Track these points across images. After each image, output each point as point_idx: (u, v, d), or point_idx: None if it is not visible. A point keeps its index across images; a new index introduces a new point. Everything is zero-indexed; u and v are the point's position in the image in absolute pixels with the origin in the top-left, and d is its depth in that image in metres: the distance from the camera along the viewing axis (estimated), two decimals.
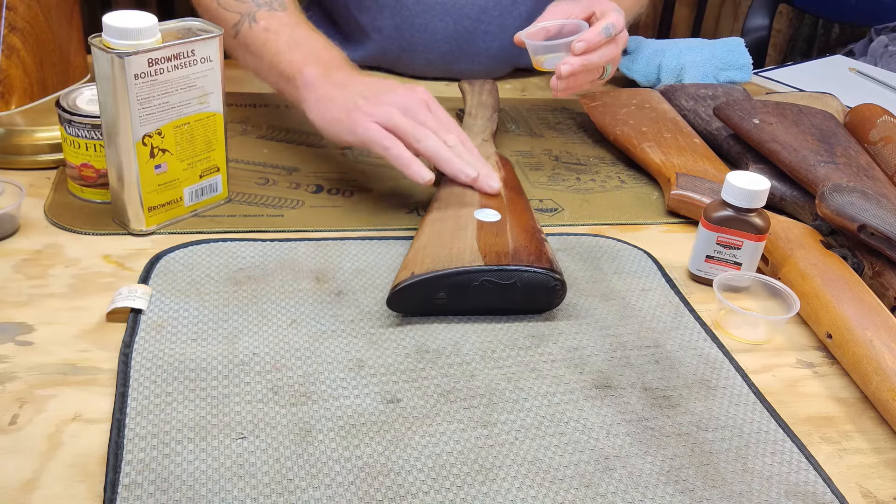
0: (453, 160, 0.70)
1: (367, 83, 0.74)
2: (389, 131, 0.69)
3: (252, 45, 0.79)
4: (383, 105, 0.70)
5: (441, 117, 0.73)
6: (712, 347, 0.63)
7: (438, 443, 0.51)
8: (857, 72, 1.34)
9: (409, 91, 0.73)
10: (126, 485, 0.46)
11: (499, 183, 0.69)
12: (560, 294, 0.64)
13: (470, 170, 0.70)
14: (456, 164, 0.70)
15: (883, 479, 0.54)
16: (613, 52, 0.83)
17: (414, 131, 0.69)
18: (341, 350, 0.58)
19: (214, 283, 0.64)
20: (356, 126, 0.70)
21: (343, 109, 0.72)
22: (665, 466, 0.51)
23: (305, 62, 0.76)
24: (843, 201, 0.71)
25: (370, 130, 0.69)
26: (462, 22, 1.05)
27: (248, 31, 0.79)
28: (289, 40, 0.78)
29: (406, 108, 0.71)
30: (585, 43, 0.80)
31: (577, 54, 0.80)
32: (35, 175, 0.77)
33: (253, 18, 0.79)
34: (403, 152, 0.69)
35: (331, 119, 0.73)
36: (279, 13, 0.81)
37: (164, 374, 0.54)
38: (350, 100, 0.72)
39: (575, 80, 0.82)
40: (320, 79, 0.74)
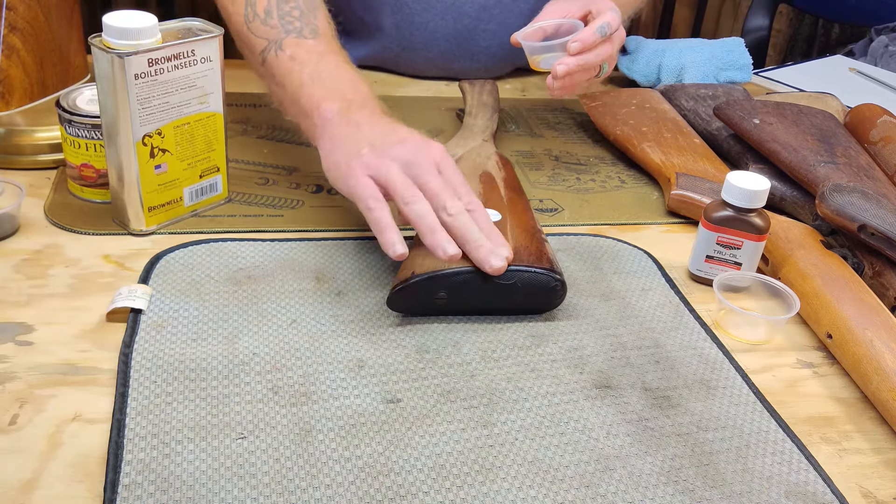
0: (436, 233, 0.60)
1: (382, 128, 0.67)
2: (382, 187, 0.63)
3: (277, 74, 0.73)
4: (386, 158, 0.63)
5: (451, 179, 0.64)
6: (712, 347, 0.63)
7: (438, 443, 0.51)
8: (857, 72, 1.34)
9: (420, 147, 0.65)
10: (126, 485, 0.46)
11: (503, 262, 0.60)
12: (560, 294, 0.64)
13: (449, 247, 0.60)
14: (436, 237, 0.60)
15: (883, 479, 0.54)
16: (609, 51, 0.83)
17: (405, 192, 0.62)
18: (341, 350, 0.58)
19: (214, 283, 0.64)
20: (349, 177, 0.64)
21: (344, 155, 0.65)
22: (665, 466, 0.51)
23: (326, 97, 0.69)
24: (843, 201, 0.71)
25: (360, 185, 0.63)
26: (462, 20, 1.06)
27: (273, 60, 0.73)
28: (313, 72, 0.71)
29: (410, 165, 0.63)
30: (581, 43, 0.80)
31: (573, 54, 0.80)
32: (35, 175, 0.77)
33: (279, 46, 0.73)
34: (383, 217, 0.61)
35: (332, 163, 0.66)
36: (308, 41, 0.74)
37: (164, 374, 0.54)
38: (356, 146, 0.65)
39: (571, 79, 0.82)
40: (338, 116, 0.68)
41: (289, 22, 0.75)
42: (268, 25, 0.75)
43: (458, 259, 0.60)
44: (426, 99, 1.06)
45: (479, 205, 0.64)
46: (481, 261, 0.60)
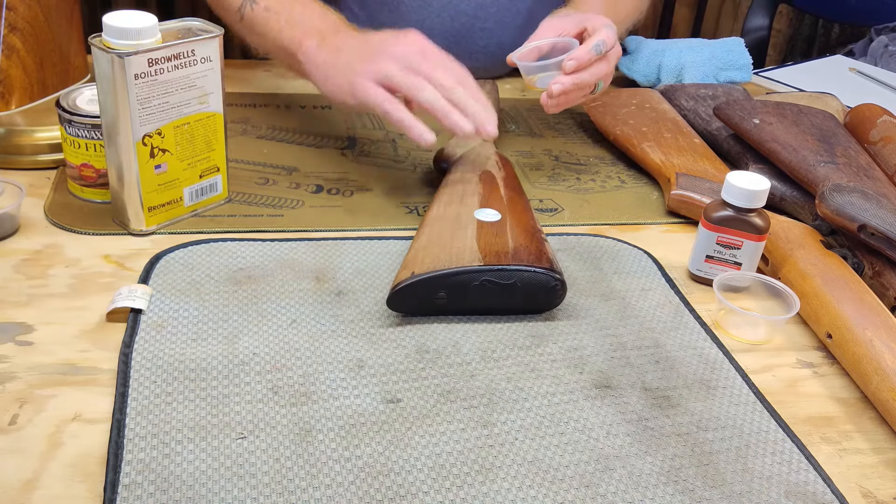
0: (450, 113, 0.70)
1: (361, 43, 0.77)
2: (388, 89, 0.72)
3: (256, 26, 0.84)
4: (379, 62, 0.72)
5: (436, 59, 0.74)
6: (712, 347, 0.63)
7: (438, 443, 0.51)
8: (857, 72, 1.34)
9: (402, 41, 0.74)
10: (126, 485, 0.46)
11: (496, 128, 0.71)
12: (560, 294, 0.64)
13: (465, 123, 0.70)
14: (453, 118, 0.70)
15: (883, 479, 0.54)
16: (605, 70, 0.83)
17: (410, 84, 0.71)
18: (341, 350, 0.58)
19: (214, 283, 0.64)
20: (356, 90, 0.73)
21: (343, 75, 0.75)
22: (665, 466, 0.51)
23: (304, 36, 0.80)
24: (843, 201, 0.71)
25: (369, 92, 0.72)
26: (459, 19, 1.05)
27: (250, 14, 0.83)
28: (289, 18, 0.82)
29: (401, 59, 0.72)
30: (576, 61, 0.80)
31: (568, 73, 0.80)
32: (35, 175, 0.78)
33: (254, 1, 0.83)
34: (404, 115, 0.71)
35: (333, 87, 0.76)
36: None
37: (164, 374, 0.54)
38: (348, 64, 0.75)
39: (567, 97, 0.83)
40: (318, 48, 0.78)
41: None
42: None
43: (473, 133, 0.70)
44: None
45: (467, 76, 0.74)
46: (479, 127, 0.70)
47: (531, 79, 0.85)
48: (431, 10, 1.05)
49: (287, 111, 0.96)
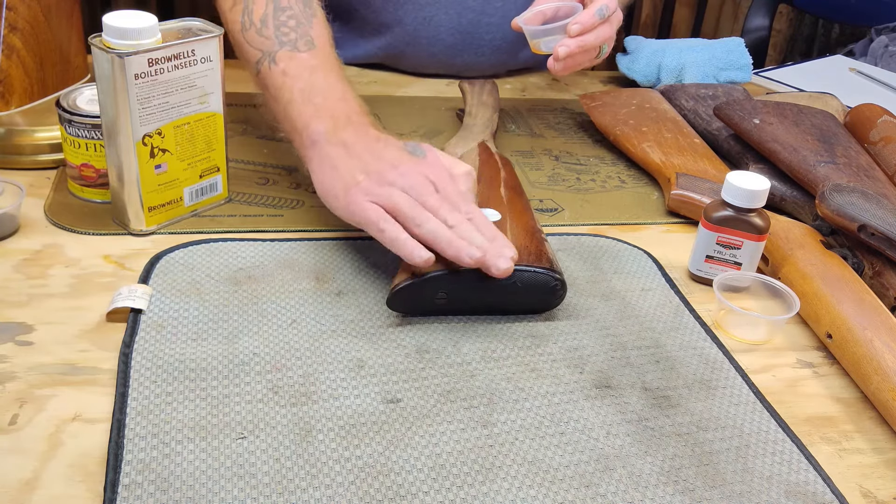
0: (454, 242, 0.60)
1: (372, 148, 0.67)
2: (389, 213, 0.63)
3: (270, 88, 0.73)
4: (384, 185, 0.64)
5: (448, 194, 0.64)
6: (712, 347, 0.63)
7: (438, 443, 0.51)
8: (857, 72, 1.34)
9: (414, 168, 0.65)
10: (126, 485, 0.46)
11: (509, 263, 0.59)
12: (560, 294, 0.64)
13: (473, 251, 0.59)
14: (457, 246, 0.60)
15: (883, 479, 0.54)
16: (608, 33, 0.85)
17: (414, 215, 0.62)
18: (341, 350, 0.58)
19: (214, 283, 0.64)
20: (353, 206, 0.64)
21: (342, 184, 0.65)
22: (665, 466, 0.51)
23: (314, 116, 0.69)
24: (843, 201, 0.71)
25: (367, 211, 0.63)
26: (466, 14, 1.06)
27: (267, 73, 0.73)
28: (304, 88, 0.71)
29: (409, 188, 0.64)
30: (580, 25, 0.82)
31: (573, 36, 0.82)
32: (35, 175, 0.78)
33: (273, 59, 0.73)
34: (399, 234, 0.61)
35: (329, 191, 0.66)
36: (302, 55, 0.73)
37: (164, 374, 0.54)
38: (351, 173, 0.65)
39: (572, 60, 0.84)
40: (325, 137, 0.68)
41: (284, 33, 0.74)
42: (263, 36, 0.74)
43: (482, 263, 0.59)
44: (426, 99, 1.06)
45: (477, 212, 0.64)
46: (488, 265, 0.59)
47: (536, 42, 0.87)
48: (439, 6, 1.05)
49: None
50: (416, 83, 1.11)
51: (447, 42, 1.08)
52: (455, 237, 0.61)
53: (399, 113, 1.00)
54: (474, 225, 0.62)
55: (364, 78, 1.10)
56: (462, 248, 0.60)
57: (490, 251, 0.60)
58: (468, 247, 0.60)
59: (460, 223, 0.62)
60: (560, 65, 0.83)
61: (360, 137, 0.68)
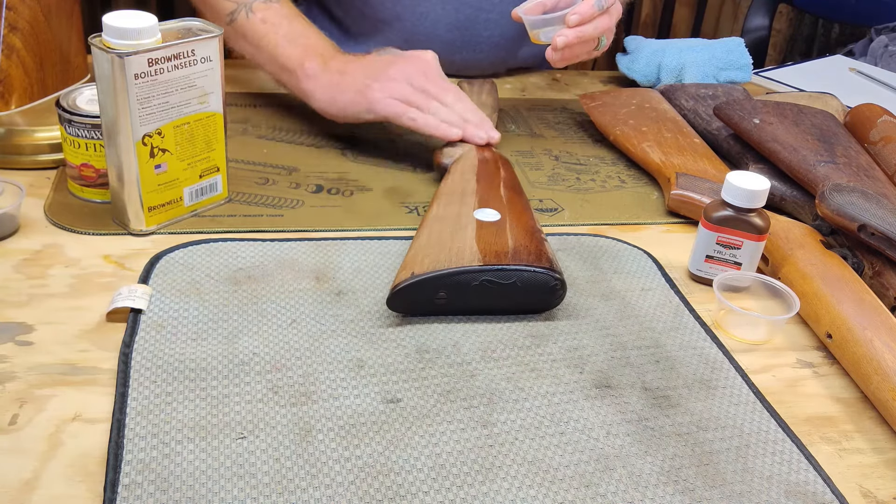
0: (466, 127, 0.79)
1: (365, 64, 0.82)
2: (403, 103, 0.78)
3: (249, 35, 0.85)
4: (392, 81, 0.79)
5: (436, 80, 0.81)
6: (712, 347, 0.63)
7: (438, 443, 0.51)
8: (857, 72, 1.34)
9: (408, 61, 0.81)
10: (126, 485, 0.46)
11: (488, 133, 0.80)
12: (560, 294, 0.64)
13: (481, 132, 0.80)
14: (468, 131, 0.80)
15: (883, 479, 0.54)
16: (607, 24, 0.86)
17: (427, 105, 0.78)
18: (341, 350, 0.58)
19: (214, 283, 0.64)
20: (375, 104, 0.78)
21: (355, 91, 0.79)
22: (665, 466, 0.51)
23: (305, 56, 0.82)
24: (843, 201, 0.71)
25: (392, 105, 0.78)
26: (463, 10, 1.06)
27: (245, 21, 0.85)
28: (287, 34, 0.84)
29: (410, 78, 0.79)
30: (579, 16, 0.83)
31: (572, 26, 0.84)
32: (35, 175, 0.78)
33: (250, 9, 0.84)
34: (429, 120, 0.78)
35: (345, 102, 0.80)
36: (275, 4, 0.86)
37: (164, 374, 0.54)
38: (358, 81, 0.79)
39: (571, 51, 0.85)
40: (321, 70, 0.81)
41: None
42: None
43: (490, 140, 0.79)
44: None
45: (465, 99, 0.83)
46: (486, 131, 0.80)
47: (535, 33, 0.88)
48: (436, 2, 1.05)
49: (287, 111, 0.96)
50: None
51: (445, 39, 1.07)
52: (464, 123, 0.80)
53: None
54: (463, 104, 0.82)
55: None
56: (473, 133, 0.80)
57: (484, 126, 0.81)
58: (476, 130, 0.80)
59: (455, 102, 0.81)
60: (558, 55, 0.85)
61: (348, 62, 0.83)
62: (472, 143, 0.80)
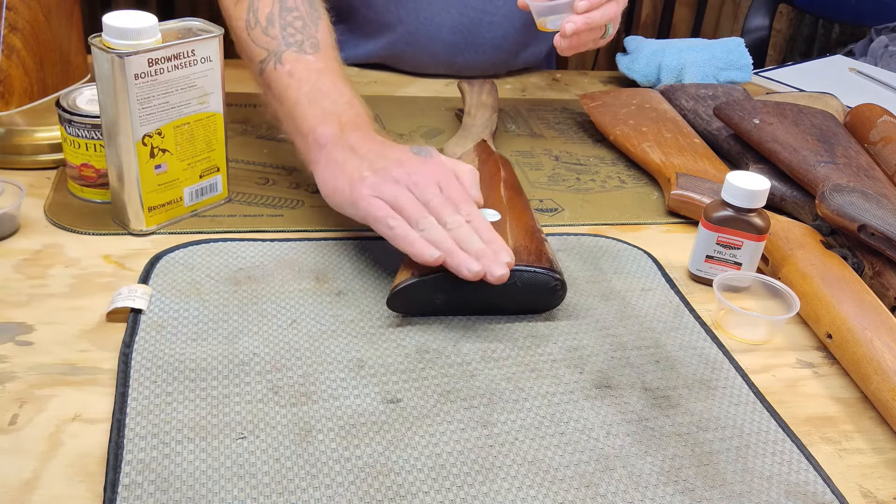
0: (454, 253, 0.60)
1: (379, 150, 0.67)
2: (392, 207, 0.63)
3: (274, 88, 0.73)
4: (390, 182, 0.64)
5: (451, 194, 0.64)
6: (712, 347, 0.63)
7: (438, 443, 0.51)
8: (857, 72, 1.34)
9: (420, 164, 0.65)
10: (126, 485, 0.46)
11: (504, 269, 0.59)
12: (560, 294, 0.64)
13: (472, 264, 0.59)
14: (456, 258, 0.60)
15: (883, 479, 0.54)
16: (614, 11, 0.85)
17: (418, 217, 0.62)
18: (341, 350, 0.58)
19: (214, 283, 0.64)
20: (359, 200, 0.64)
21: (347, 180, 0.65)
22: (665, 466, 0.51)
23: (321, 120, 0.69)
24: (843, 201, 0.71)
25: (373, 206, 0.63)
26: (467, 13, 1.06)
27: (272, 73, 0.73)
28: (310, 92, 0.71)
29: (413, 185, 0.64)
30: (588, 2, 0.82)
31: (580, 13, 0.83)
32: (35, 175, 0.78)
33: (279, 59, 0.73)
34: (409, 232, 0.61)
35: (334, 188, 0.66)
36: (308, 57, 0.73)
37: (164, 374, 0.54)
38: (357, 170, 0.65)
39: (578, 38, 0.84)
40: (333, 140, 0.68)
41: (290, 34, 0.74)
42: (268, 35, 0.74)
43: (481, 275, 0.59)
44: (426, 99, 1.06)
45: (477, 214, 0.64)
46: (484, 272, 0.59)
47: (542, 20, 0.87)
48: (440, 6, 1.05)
49: None
50: (415, 83, 1.11)
51: (448, 41, 1.07)
52: (456, 248, 0.61)
53: (399, 113, 1.00)
54: (473, 227, 0.62)
55: (364, 78, 1.10)
56: (461, 261, 0.60)
57: (486, 257, 0.60)
58: (467, 260, 0.60)
59: (459, 225, 0.62)
60: (566, 42, 0.84)
61: (367, 141, 0.68)
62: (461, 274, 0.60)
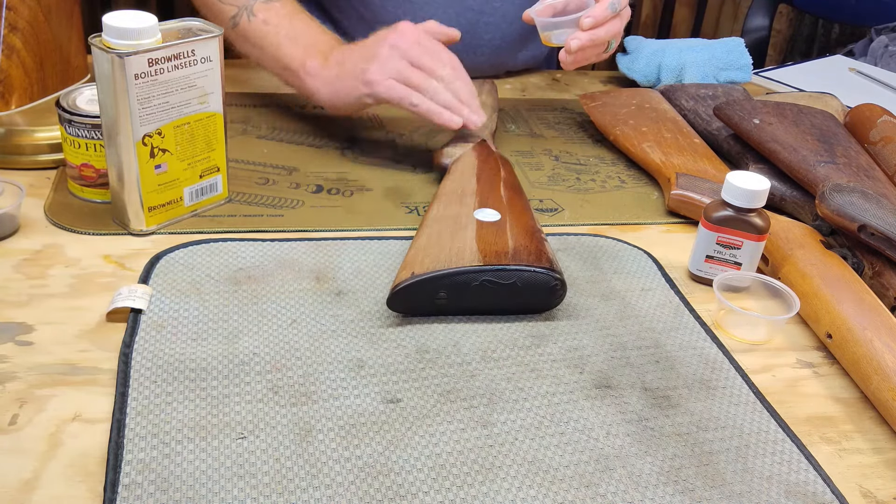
0: (461, 111, 0.77)
1: (360, 49, 0.80)
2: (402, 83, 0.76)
3: (252, 37, 0.85)
4: (387, 60, 0.76)
5: (431, 49, 0.79)
6: (712, 347, 0.63)
7: (438, 443, 0.51)
8: (857, 72, 1.34)
9: (399, 36, 0.78)
10: (126, 485, 0.46)
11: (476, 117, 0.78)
12: (560, 294, 0.64)
13: (475, 117, 0.78)
14: (464, 115, 0.77)
15: (883, 479, 0.54)
16: (618, 27, 0.87)
17: (426, 86, 0.76)
18: (341, 350, 0.58)
19: (214, 283, 0.64)
20: (375, 86, 0.76)
21: (354, 79, 0.78)
22: (665, 466, 0.51)
23: (307, 54, 0.82)
24: (843, 201, 0.71)
25: (393, 88, 0.76)
26: (465, 14, 1.06)
27: (246, 24, 0.84)
28: (288, 33, 0.83)
29: (405, 53, 0.76)
30: (593, 19, 0.84)
31: (585, 30, 0.85)
32: (35, 175, 0.77)
33: (251, 12, 0.84)
34: (431, 105, 0.76)
35: (347, 92, 0.79)
36: (275, 4, 0.85)
37: (164, 374, 0.54)
38: (356, 69, 0.78)
39: (583, 53, 0.86)
40: (322, 66, 0.81)
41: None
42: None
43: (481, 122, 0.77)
44: None
45: (459, 67, 0.79)
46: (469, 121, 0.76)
47: (546, 35, 0.89)
48: (437, 6, 1.05)
49: (287, 111, 0.96)
50: None
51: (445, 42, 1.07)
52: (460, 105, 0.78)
53: (399, 113, 1.00)
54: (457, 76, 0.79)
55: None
56: (468, 117, 0.78)
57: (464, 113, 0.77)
58: (470, 114, 0.78)
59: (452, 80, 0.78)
60: (571, 58, 0.86)
61: (346, 51, 0.82)
62: (469, 129, 0.79)
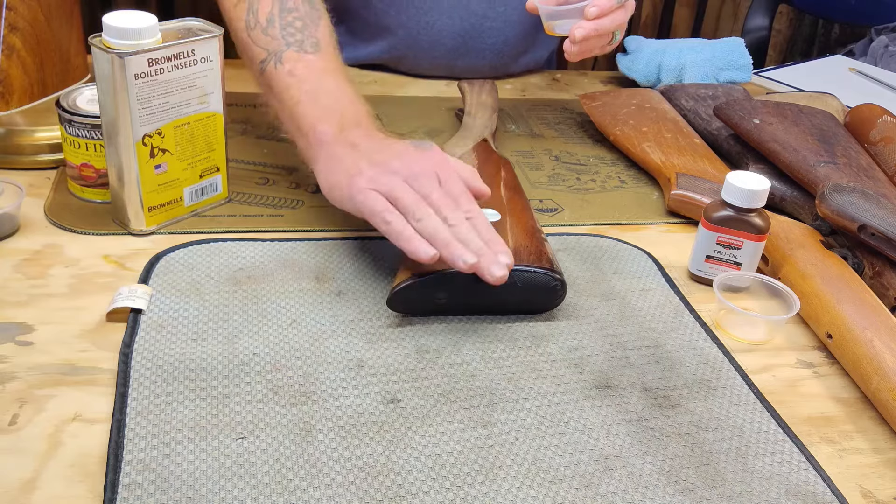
0: (450, 245, 0.59)
1: (378, 145, 0.66)
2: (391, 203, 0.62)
3: (275, 87, 0.72)
4: (388, 174, 0.63)
5: (451, 189, 0.63)
6: (712, 347, 0.63)
7: (438, 443, 0.51)
8: (857, 72, 1.34)
9: (420, 157, 0.64)
10: (126, 485, 0.46)
11: (504, 270, 0.58)
12: (560, 294, 0.64)
13: (468, 256, 0.58)
14: (452, 250, 0.59)
15: (883, 479, 0.54)
16: (623, 18, 0.86)
17: (415, 208, 0.61)
18: (341, 350, 0.58)
19: (214, 283, 0.64)
20: (356, 193, 0.63)
21: (345, 174, 0.64)
22: (665, 466, 0.51)
23: (321, 118, 0.69)
24: (843, 201, 0.71)
25: (369, 200, 0.62)
26: (469, 18, 1.06)
27: (272, 72, 0.72)
28: (311, 90, 0.71)
29: (412, 178, 0.63)
30: (598, 8, 0.83)
31: (590, 19, 0.83)
32: (35, 175, 0.77)
33: (279, 59, 0.73)
34: (405, 228, 0.60)
35: (333, 183, 0.66)
36: (309, 56, 0.73)
37: (164, 374, 0.54)
38: (355, 164, 0.65)
39: (587, 44, 0.85)
40: (333, 137, 0.67)
41: (290, 34, 0.74)
42: (268, 35, 0.74)
43: (477, 269, 0.58)
44: (426, 99, 1.06)
45: (478, 212, 0.63)
46: (482, 271, 0.58)
47: (550, 24, 0.88)
48: (441, 11, 1.05)
49: None
50: (415, 83, 1.11)
51: (448, 46, 1.08)
52: (452, 239, 0.59)
53: (399, 113, 1.00)
54: (473, 225, 0.61)
55: (364, 78, 1.10)
56: (457, 253, 0.58)
57: (485, 256, 0.59)
58: (464, 252, 0.58)
59: (459, 223, 0.61)
60: (576, 48, 0.84)
61: (368, 137, 0.67)
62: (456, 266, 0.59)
